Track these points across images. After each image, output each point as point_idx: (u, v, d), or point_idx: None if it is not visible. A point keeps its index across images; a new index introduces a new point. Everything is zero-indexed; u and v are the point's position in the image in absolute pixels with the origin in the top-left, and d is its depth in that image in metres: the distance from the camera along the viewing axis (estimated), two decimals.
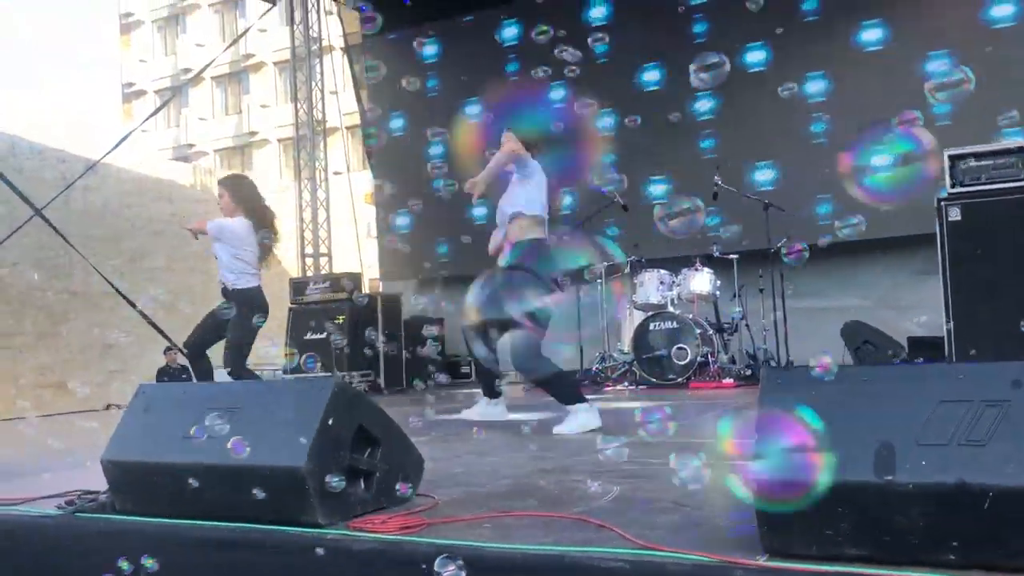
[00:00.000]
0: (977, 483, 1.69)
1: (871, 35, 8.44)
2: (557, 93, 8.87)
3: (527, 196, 4.94)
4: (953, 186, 6.17)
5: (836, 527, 1.83)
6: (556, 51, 3.89)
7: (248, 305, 5.48)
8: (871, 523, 1.80)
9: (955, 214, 6.07)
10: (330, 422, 2.49)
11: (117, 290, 9.46)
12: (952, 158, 6.22)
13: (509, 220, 4.97)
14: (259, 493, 2.37)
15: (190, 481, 2.54)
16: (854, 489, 1.81)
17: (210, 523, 2.53)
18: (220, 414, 2.66)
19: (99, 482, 2.86)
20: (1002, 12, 8.08)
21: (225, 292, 5.71)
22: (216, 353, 5.75)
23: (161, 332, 9.71)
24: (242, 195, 5.82)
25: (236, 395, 2.76)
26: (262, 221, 5.78)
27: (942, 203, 6.19)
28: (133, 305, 9.42)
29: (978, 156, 6.14)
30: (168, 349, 10.76)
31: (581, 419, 4.61)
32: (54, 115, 12.16)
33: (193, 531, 2.52)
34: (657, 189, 9.26)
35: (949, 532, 1.73)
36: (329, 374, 7.58)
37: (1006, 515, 1.67)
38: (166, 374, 10.83)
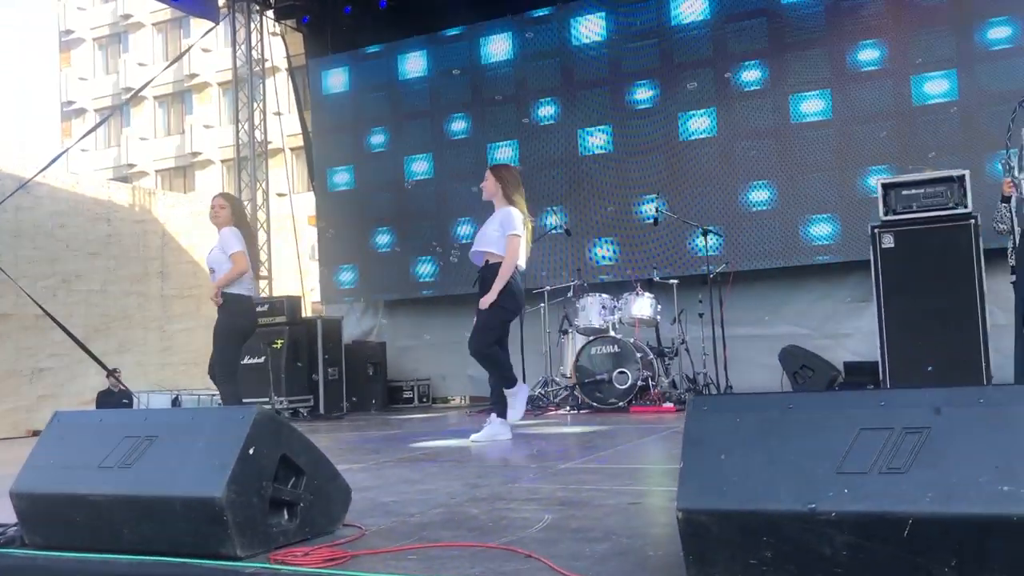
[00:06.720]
0: (897, 511, 1.69)
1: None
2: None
3: None
4: (886, 214, 6.31)
5: (760, 556, 1.81)
6: None
7: None
8: (795, 552, 1.78)
9: (888, 241, 6.20)
10: (251, 451, 2.41)
11: (47, 313, 9.20)
12: (885, 186, 6.36)
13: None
14: None
15: (104, 513, 2.44)
16: (777, 518, 1.80)
17: (125, 557, 2.43)
18: (137, 443, 2.57)
19: (8, 515, 2.73)
20: None
21: None
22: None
23: (92, 356, 9.46)
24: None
25: (155, 423, 2.66)
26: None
27: (875, 230, 6.32)
28: (64, 329, 9.17)
29: (910, 185, 6.30)
30: (112, 372, 10.46)
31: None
32: None
33: (107, 565, 2.41)
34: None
35: (872, 561, 1.72)
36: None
37: (926, 543, 1.67)
38: (108, 397, 10.47)
